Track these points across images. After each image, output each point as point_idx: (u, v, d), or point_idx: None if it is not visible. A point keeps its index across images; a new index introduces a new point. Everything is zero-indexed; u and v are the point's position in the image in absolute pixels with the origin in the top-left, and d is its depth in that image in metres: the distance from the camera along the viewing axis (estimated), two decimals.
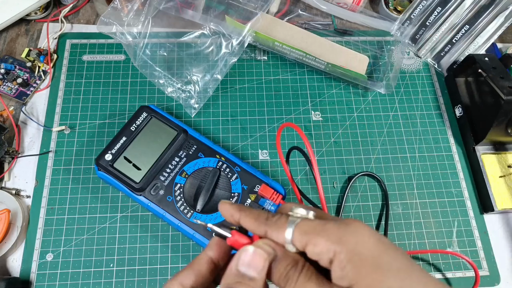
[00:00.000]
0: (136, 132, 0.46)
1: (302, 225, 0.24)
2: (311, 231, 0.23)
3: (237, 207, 0.27)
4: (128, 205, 0.47)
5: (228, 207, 0.27)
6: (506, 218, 0.50)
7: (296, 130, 0.33)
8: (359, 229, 0.23)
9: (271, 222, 0.25)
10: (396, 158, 0.52)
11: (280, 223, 0.24)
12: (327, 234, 0.22)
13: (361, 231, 0.22)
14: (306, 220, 0.24)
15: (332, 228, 0.23)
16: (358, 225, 0.23)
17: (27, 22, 0.57)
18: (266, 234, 0.25)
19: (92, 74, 0.54)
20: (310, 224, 0.23)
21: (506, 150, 0.52)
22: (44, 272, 0.43)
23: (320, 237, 0.22)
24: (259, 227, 0.25)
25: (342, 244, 0.22)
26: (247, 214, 0.26)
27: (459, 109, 0.54)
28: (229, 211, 0.27)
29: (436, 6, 0.55)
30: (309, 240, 0.23)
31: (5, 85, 0.51)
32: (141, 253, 0.45)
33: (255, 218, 0.25)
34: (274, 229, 0.24)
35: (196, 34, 0.54)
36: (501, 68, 0.51)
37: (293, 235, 0.23)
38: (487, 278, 0.46)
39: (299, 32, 0.56)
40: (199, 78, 0.51)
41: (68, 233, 0.45)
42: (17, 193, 0.46)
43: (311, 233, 0.23)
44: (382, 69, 0.57)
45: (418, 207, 0.49)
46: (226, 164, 0.46)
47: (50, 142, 0.49)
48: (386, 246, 0.22)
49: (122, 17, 0.49)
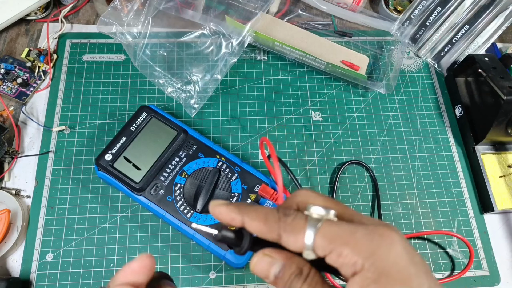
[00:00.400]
0: (136, 132, 0.46)
1: (326, 230, 0.20)
2: (337, 239, 0.20)
3: (236, 209, 0.22)
4: (128, 205, 0.47)
5: (225, 210, 0.23)
6: (506, 218, 0.50)
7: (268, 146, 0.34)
8: (394, 244, 0.20)
9: (286, 224, 0.21)
10: (396, 158, 0.52)
11: (298, 226, 0.21)
12: (356, 245, 0.20)
13: (395, 248, 0.20)
14: (329, 223, 0.21)
15: (362, 238, 0.20)
16: (393, 238, 0.20)
17: (27, 22, 0.57)
18: (280, 239, 0.21)
19: (92, 74, 0.54)
20: (336, 230, 0.20)
21: (506, 150, 0.52)
22: (44, 272, 0.43)
23: (348, 247, 0.20)
24: (271, 231, 0.21)
25: (372, 260, 0.19)
26: (253, 217, 0.22)
27: (459, 109, 0.54)
28: (228, 214, 0.23)
29: (436, 6, 0.55)
30: (334, 248, 0.20)
31: (5, 85, 0.51)
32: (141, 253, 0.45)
33: (264, 221, 0.22)
34: (290, 233, 0.21)
35: (196, 34, 0.54)
36: (501, 68, 0.51)
37: (314, 241, 0.20)
38: (487, 278, 0.46)
39: (299, 32, 0.56)
40: (199, 78, 0.51)
41: (68, 233, 0.45)
42: (17, 193, 0.46)
43: (337, 241, 0.20)
44: (382, 69, 0.57)
45: (418, 207, 0.49)
46: (226, 164, 0.46)
47: (50, 142, 0.49)
48: (417, 268, 0.20)
49: (122, 17, 0.49)
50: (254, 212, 0.22)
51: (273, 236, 0.21)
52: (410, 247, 0.20)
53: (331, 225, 0.21)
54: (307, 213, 0.22)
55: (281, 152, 0.51)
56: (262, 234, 0.22)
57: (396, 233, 0.20)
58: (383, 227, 0.20)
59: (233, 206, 0.23)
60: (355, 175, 0.50)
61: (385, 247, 0.20)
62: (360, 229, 0.20)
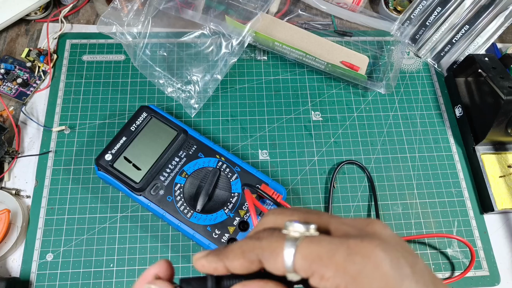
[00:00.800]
0: (136, 132, 0.46)
1: (305, 249, 0.19)
2: (317, 259, 0.18)
3: (215, 257, 0.21)
4: (128, 205, 0.47)
5: (205, 262, 0.21)
6: (506, 218, 0.50)
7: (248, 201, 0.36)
8: (379, 264, 0.18)
9: (262, 249, 0.19)
10: (396, 158, 0.52)
11: (276, 248, 0.19)
12: (338, 266, 0.18)
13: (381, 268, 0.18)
14: (309, 241, 0.19)
15: (344, 258, 0.18)
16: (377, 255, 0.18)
17: (27, 22, 0.57)
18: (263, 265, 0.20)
19: (92, 74, 0.54)
20: (315, 248, 0.18)
21: (506, 150, 0.52)
22: (44, 272, 0.43)
23: (330, 269, 0.18)
24: (252, 261, 0.20)
25: (357, 283, 0.18)
26: (232, 257, 0.20)
27: (459, 109, 0.54)
28: (210, 266, 0.21)
29: (436, 6, 0.55)
30: (316, 270, 0.18)
31: (5, 85, 0.51)
32: (141, 253, 0.45)
33: (242, 255, 0.20)
34: (269, 257, 0.19)
35: (196, 34, 0.54)
36: (501, 68, 0.51)
37: (294, 262, 0.19)
38: (487, 278, 0.46)
39: (299, 32, 0.56)
40: (199, 78, 0.51)
41: (68, 233, 0.45)
42: (17, 193, 0.46)
43: (318, 261, 0.18)
44: (382, 69, 0.57)
45: (418, 207, 0.49)
46: (226, 164, 0.46)
47: (50, 142, 0.49)
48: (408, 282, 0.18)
49: (122, 17, 0.49)
50: (231, 252, 0.21)
51: (257, 265, 0.20)
52: (397, 259, 0.18)
53: (310, 243, 0.19)
54: (285, 231, 0.20)
55: (281, 152, 0.51)
56: (246, 269, 0.20)
57: (381, 249, 0.18)
58: (366, 243, 0.18)
59: (211, 255, 0.21)
60: (355, 175, 0.50)
61: (369, 269, 0.18)
62: (341, 247, 0.18)
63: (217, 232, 0.42)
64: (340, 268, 0.18)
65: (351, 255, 0.18)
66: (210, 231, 0.42)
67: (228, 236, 0.42)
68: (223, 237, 0.42)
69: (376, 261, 0.18)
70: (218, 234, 0.42)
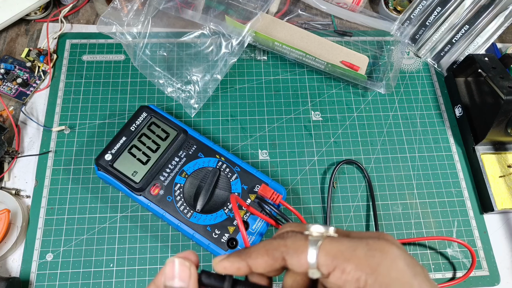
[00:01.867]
0: (136, 132, 0.46)
1: (328, 247, 0.21)
2: (339, 255, 0.20)
3: (237, 257, 0.22)
4: (128, 205, 0.47)
5: (228, 263, 0.22)
6: (506, 218, 0.50)
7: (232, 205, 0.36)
8: (395, 259, 0.20)
9: (287, 247, 0.21)
10: (396, 158, 0.52)
11: (299, 247, 0.21)
12: (359, 261, 0.20)
13: (397, 262, 0.20)
14: (330, 240, 0.21)
15: (364, 253, 0.20)
16: (394, 252, 0.20)
17: (27, 22, 0.57)
18: (285, 263, 0.21)
19: (92, 74, 0.54)
20: (337, 246, 0.20)
21: (506, 150, 0.52)
22: (44, 272, 0.43)
23: (351, 263, 0.20)
24: (275, 259, 0.21)
25: (375, 276, 0.19)
26: (255, 256, 0.22)
27: (459, 109, 0.54)
28: (232, 266, 0.22)
29: (436, 6, 0.55)
30: (337, 265, 0.20)
31: (5, 85, 0.51)
32: (141, 253, 0.45)
33: (266, 253, 0.22)
34: (293, 254, 0.21)
35: (196, 34, 0.54)
36: (500, 68, 0.51)
37: (317, 259, 0.20)
38: (487, 278, 0.46)
39: (298, 32, 0.56)
40: (199, 78, 0.51)
41: (68, 233, 0.45)
42: (17, 193, 0.47)
43: (340, 257, 0.20)
44: (382, 69, 0.57)
45: (418, 207, 0.49)
46: (226, 164, 0.46)
47: (50, 142, 0.49)
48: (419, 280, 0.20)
49: (122, 17, 0.49)
50: (254, 251, 0.22)
51: (280, 263, 0.21)
52: (410, 258, 0.21)
53: (332, 242, 0.21)
54: (307, 232, 0.22)
55: (281, 152, 0.51)
56: (269, 267, 0.22)
57: (396, 247, 0.21)
58: (383, 242, 0.21)
59: (233, 256, 0.23)
60: (355, 175, 0.50)
61: (387, 262, 0.20)
62: (361, 244, 0.20)
63: (217, 232, 0.42)
64: (361, 262, 0.20)
65: (370, 250, 0.20)
66: (210, 231, 0.42)
67: (228, 236, 0.42)
68: (223, 237, 0.42)
69: (393, 256, 0.20)
70: (218, 234, 0.42)
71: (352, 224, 0.48)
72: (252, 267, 0.22)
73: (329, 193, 0.49)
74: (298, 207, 0.48)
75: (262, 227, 0.43)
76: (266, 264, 0.22)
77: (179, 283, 0.21)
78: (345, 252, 0.20)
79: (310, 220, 0.48)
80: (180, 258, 0.22)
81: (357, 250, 0.20)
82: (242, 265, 0.22)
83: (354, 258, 0.20)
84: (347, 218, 0.48)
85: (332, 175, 0.49)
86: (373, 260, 0.20)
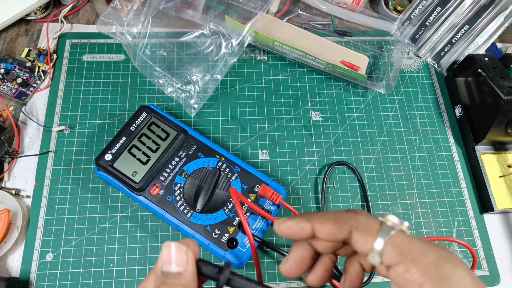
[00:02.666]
0: (136, 132, 0.46)
1: (398, 240, 0.20)
2: (407, 253, 0.20)
3: (304, 218, 0.23)
4: (128, 205, 0.47)
5: (291, 224, 0.23)
6: (506, 218, 0.50)
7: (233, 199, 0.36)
8: (464, 276, 0.19)
9: (358, 223, 0.21)
10: (396, 158, 0.52)
11: (371, 228, 0.21)
12: (427, 267, 0.19)
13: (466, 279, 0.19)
14: (403, 234, 0.21)
15: (435, 260, 0.19)
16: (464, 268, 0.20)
17: (27, 22, 0.57)
18: (350, 236, 0.21)
19: (92, 74, 0.54)
20: (408, 243, 0.20)
21: (506, 150, 0.52)
22: (44, 272, 0.43)
23: (418, 267, 0.19)
24: (342, 229, 0.21)
25: (443, 285, 0.19)
26: (323, 220, 0.22)
27: (459, 109, 0.54)
28: (296, 226, 0.22)
29: (436, 6, 0.55)
30: (402, 261, 0.20)
31: (5, 85, 0.51)
32: (141, 253, 0.45)
33: (334, 221, 0.22)
34: (361, 232, 0.21)
35: (196, 34, 0.54)
36: (500, 68, 0.51)
37: (384, 247, 0.20)
38: (487, 278, 0.46)
39: (299, 32, 0.56)
40: (199, 78, 0.51)
41: (68, 233, 0.45)
42: (17, 193, 0.47)
43: (408, 255, 0.20)
44: (382, 69, 0.57)
45: (418, 207, 0.49)
46: (226, 164, 0.46)
47: (50, 142, 0.49)
48: None
49: (122, 17, 0.49)
50: (322, 217, 0.22)
51: (344, 236, 0.21)
52: (475, 276, 0.20)
53: (404, 237, 0.20)
54: (381, 218, 0.22)
55: (281, 152, 0.51)
56: (332, 235, 0.22)
57: (464, 265, 0.20)
58: (454, 255, 0.20)
59: (299, 217, 0.23)
60: (354, 175, 0.50)
61: (457, 276, 0.19)
62: (432, 251, 0.20)
63: (217, 232, 0.42)
64: (430, 269, 0.19)
65: (441, 260, 0.20)
66: (210, 231, 0.42)
67: (228, 236, 0.42)
68: (223, 237, 0.42)
69: (462, 271, 0.20)
70: (218, 234, 0.42)
71: None
72: (316, 231, 0.22)
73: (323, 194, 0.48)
74: (298, 207, 0.48)
75: (262, 226, 0.43)
76: (330, 232, 0.22)
77: (176, 268, 0.21)
78: (415, 252, 0.20)
79: None
80: (177, 243, 0.21)
81: (428, 255, 0.20)
82: (307, 226, 0.22)
83: (423, 262, 0.19)
84: None
85: (325, 177, 0.49)
86: (443, 271, 0.19)
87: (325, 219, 0.22)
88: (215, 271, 0.22)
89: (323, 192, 0.48)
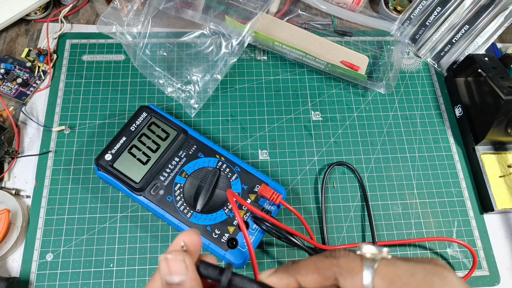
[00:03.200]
0: (136, 132, 0.46)
1: (384, 270, 0.20)
2: (396, 279, 0.20)
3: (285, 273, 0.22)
4: (128, 205, 0.47)
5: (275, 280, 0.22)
6: (506, 218, 0.50)
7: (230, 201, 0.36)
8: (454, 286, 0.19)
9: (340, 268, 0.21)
10: (396, 158, 0.52)
11: (354, 268, 0.20)
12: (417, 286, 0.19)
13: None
14: (386, 263, 0.20)
15: (423, 278, 0.19)
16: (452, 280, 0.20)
17: (27, 22, 0.57)
18: (338, 283, 0.21)
19: (92, 74, 0.54)
20: (394, 269, 0.20)
21: (506, 150, 0.52)
22: (44, 272, 0.43)
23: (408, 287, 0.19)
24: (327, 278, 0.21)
25: None
26: (305, 272, 0.21)
27: (459, 109, 0.54)
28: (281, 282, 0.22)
29: (436, 6, 0.55)
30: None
31: (5, 85, 0.51)
32: (141, 253, 0.45)
33: (317, 271, 0.21)
34: (347, 275, 0.20)
35: (196, 34, 0.54)
36: (500, 68, 0.51)
37: (373, 282, 0.20)
38: (487, 278, 0.46)
39: (298, 32, 0.56)
40: (199, 78, 0.51)
41: (68, 233, 0.45)
42: (17, 193, 0.47)
43: (397, 282, 0.19)
44: (382, 69, 0.57)
45: (418, 207, 0.49)
46: (226, 164, 0.46)
47: (50, 142, 0.49)
48: None
49: (122, 17, 0.49)
50: (303, 268, 0.22)
51: (331, 283, 0.21)
52: (465, 284, 0.20)
53: (388, 265, 0.20)
54: (359, 252, 0.21)
55: (281, 152, 0.51)
56: (320, 284, 0.21)
57: (453, 273, 0.20)
58: (440, 267, 0.20)
59: (281, 272, 0.22)
60: (354, 175, 0.50)
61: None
62: (418, 268, 0.20)
63: (217, 232, 0.42)
64: (420, 287, 0.19)
65: (429, 275, 0.19)
66: (210, 231, 0.42)
67: (228, 236, 0.42)
68: (223, 237, 0.42)
69: (452, 283, 0.19)
70: (218, 234, 0.42)
71: (352, 224, 0.48)
72: (302, 283, 0.22)
73: (323, 194, 0.48)
74: (298, 207, 0.48)
75: None
76: (316, 282, 0.21)
77: (177, 278, 0.21)
78: (402, 277, 0.19)
79: (310, 220, 0.48)
80: (173, 252, 0.21)
81: (416, 274, 0.19)
82: (291, 281, 0.22)
83: (412, 283, 0.19)
84: (347, 218, 0.48)
85: (325, 177, 0.49)
86: (433, 286, 0.19)
87: (306, 271, 0.21)
88: (216, 272, 0.23)
89: (323, 192, 0.48)
